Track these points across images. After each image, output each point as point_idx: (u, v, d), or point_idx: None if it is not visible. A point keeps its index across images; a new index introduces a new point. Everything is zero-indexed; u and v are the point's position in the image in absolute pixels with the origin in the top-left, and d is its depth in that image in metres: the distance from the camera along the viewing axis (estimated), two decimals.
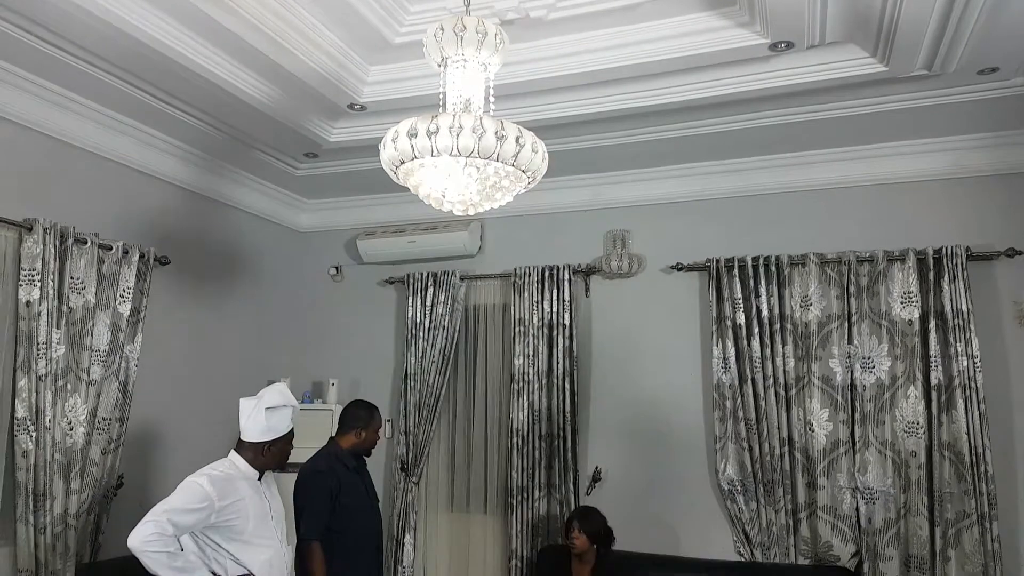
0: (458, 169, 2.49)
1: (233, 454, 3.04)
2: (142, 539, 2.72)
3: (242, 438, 3.04)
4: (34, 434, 3.65)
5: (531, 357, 4.96)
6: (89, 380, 3.96)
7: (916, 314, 4.21)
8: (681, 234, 4.88)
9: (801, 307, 4.43)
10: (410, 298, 5.34)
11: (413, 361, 5.25)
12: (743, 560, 4.40)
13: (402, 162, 2.57)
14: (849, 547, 4.20)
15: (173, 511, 2.77)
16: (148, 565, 2.74)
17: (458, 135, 2.38)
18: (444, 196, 2.73)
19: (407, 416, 5.20)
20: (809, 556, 4.29)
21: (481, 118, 2.42)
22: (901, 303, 4.25)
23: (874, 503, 4.16)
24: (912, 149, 4.41)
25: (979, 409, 4.01)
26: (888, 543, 4.12)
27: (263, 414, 2.99)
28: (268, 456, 3.03)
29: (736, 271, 4.53)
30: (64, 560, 3.73)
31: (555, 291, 4.98)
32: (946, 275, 4.15)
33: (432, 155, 2.46)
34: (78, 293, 3.94)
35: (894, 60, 3.48)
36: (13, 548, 3.63)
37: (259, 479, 3.06)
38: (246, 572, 2.86)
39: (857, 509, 4.20)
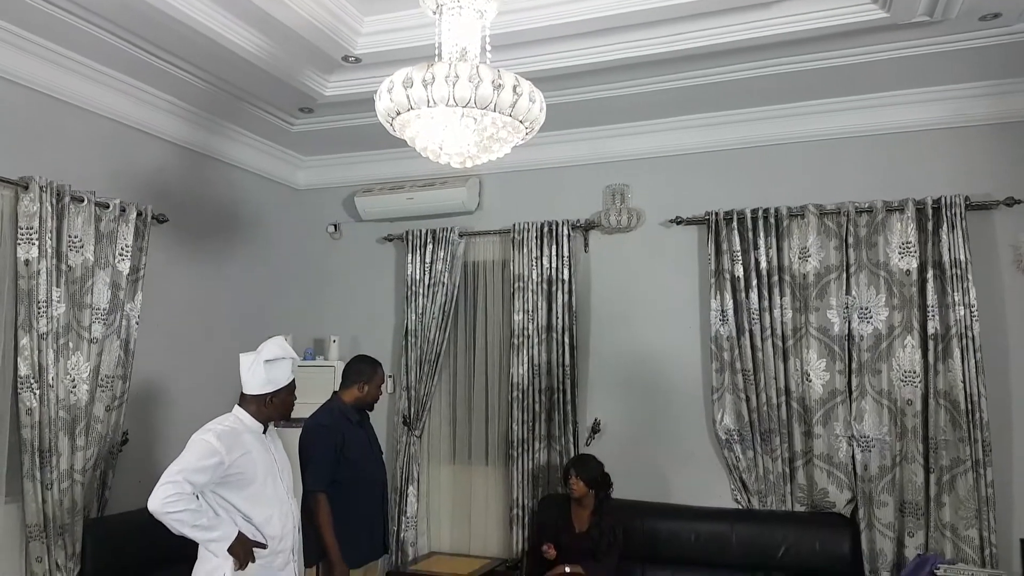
0: (455, 120, 2.47)
1: (237, 408, 3.06)
2: (162, 501, 2.73)
3: (244, 391, 3.05)
4: (37, 392, 3.68)
5: (530, 312, 4.98)
6: (91, 338, 3.97)
7: (914, 264, 4.22)
8: (680, 187, 4.86)
9: (799, 259, 4.43)
10: (409, 255, 5.34)
11: (413, 318, 5.28)
12: (740, 507, 4.48)
13: (398, 113, 2.55)
14: (845, 494, 4.28)
15: (187, 470, 2.78)
16: (172, 526, 2.76)
17: (454, 84, 2.36)
18: (441, 148, 2.71)
19: (408, 372, 5.24)
20: (805, 503, 4.37)
21: (478, 67, 2.40)
22: (899, 253, 4.25)
23: (870, 451, 4.22)
24: (913, 98, 4.37)
25: (975, 358, 4.05)
26: (883, 490, 4.18)
27: (263, 367, 3.00)
28: (271, 408, 3.04)
29: (735, 224, 4.53)
30: (72, 515, 3.79)
31: (554, 247, 4.98)
32: (945, 225, 4.15)
33: (428, 105, 2.44)
34: (77, 251, 3.94)
35: (895, 5, 3.43)
36: (21, 504, 3.69)
37: (264, 432, 3.08)
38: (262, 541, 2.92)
39: (853, 457, 4.27)
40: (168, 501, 2.72)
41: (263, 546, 2.93)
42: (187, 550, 3.04)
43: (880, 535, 4.17)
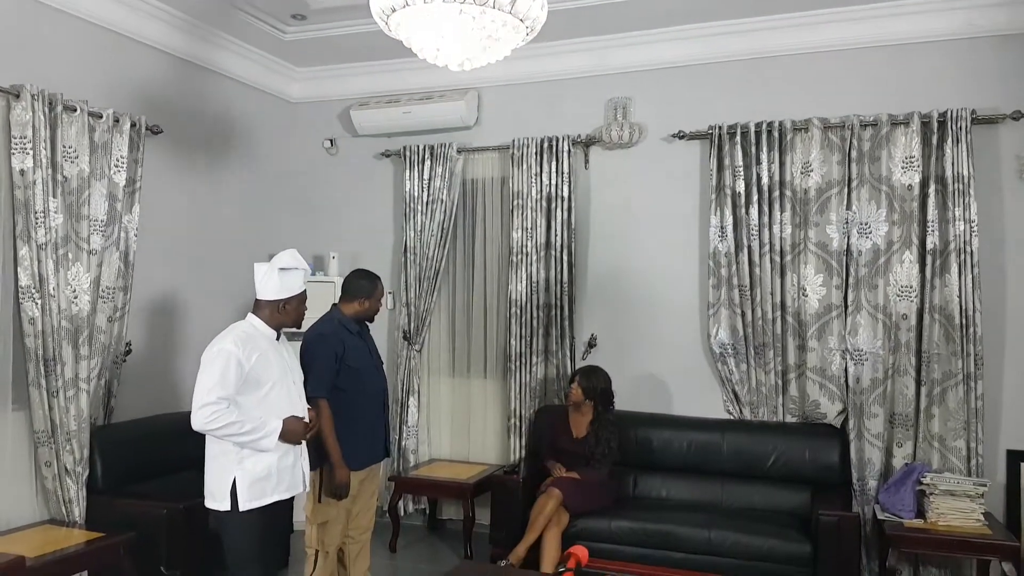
0: (453, 15, 2.41)
1: (251, 316, 3.13)
2: (205, 421, 2.83)
3: (258, 297, 3.13)
4: (39, 302, 3.70)
5: (529, 230, 4.98)
6: (90, 250, 3.98)
7: (916, 179, 4.19)
8: (683, 101, 4.78)
9: (802, 173, 4.40)
10: (407, 171, 5.30)
11: (412, 235, 5.27)
12: (732, 418, 4.58)
13: (393, 10, 2.49)
14: (836, 405, 4.36)
15: (216, 385, 2.85)
16: (222, 438, 2.88)
17: None
18: (439, 50, 2.65)
19: (408, 288, 5.27)
20: (796, 414, 4.46)
21: None
22: (902, 168, 4.22)
23: (863, 364, 4.28)
24: (923, 8, 4.26)
25: (972, 273, 4.06)
26: (874, 401, 4.26)
27: (277, 274, 3.09)
28: (284, 314, 3.13)
29: (738, 138, 4.47)
30: (79, 423, 3.87)
31: (554, 163, 4.93)
32: (949, 139, 4.11)
33: (425, 1, 2.37)
34: (72, 162, 3.91)
35: None
36: (28, 411, 3.77)
37: (277, 339, 3.15)
38: None
39: (846, 370, 4.33)
40: (210, 420, 2.83)
41: (308, 425, 3.08)
42: (193, 454, 3.13)
43: (869, 445, 4.26)
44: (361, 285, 3.62)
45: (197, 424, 2.86)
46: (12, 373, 3.71)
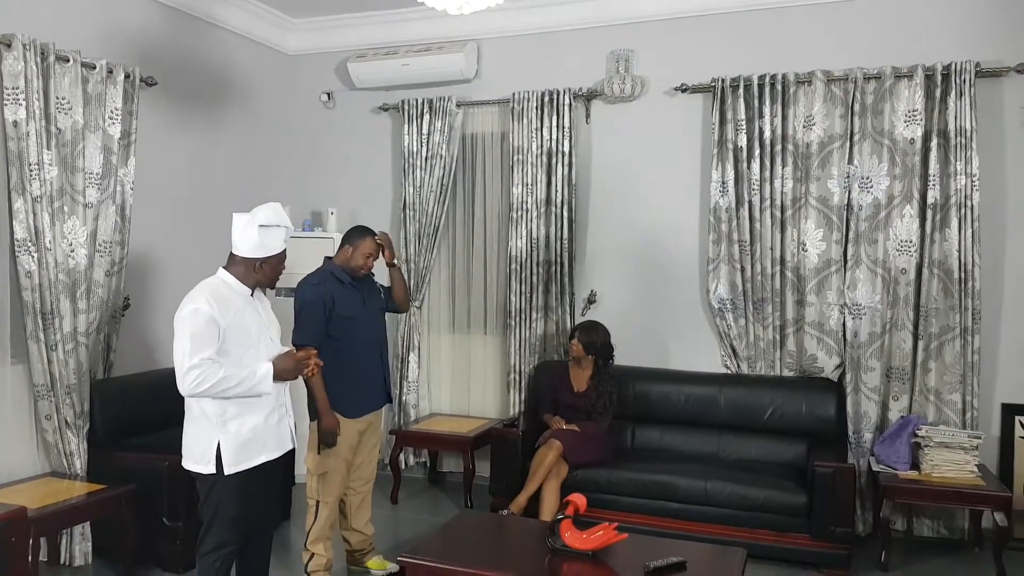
0: None
1: (222, 271, 2.93)
2: (192, 386, 2.69)
3: (234, 252, 2.93)
4: (35, 255, 3.68)
5: (530, 186, 4.94)
6: (86, 203, 3.95)
7: (919, 132, 4.16)
8: (686, 53, 4.71)
9: (804, 127, 4.36)
10: (406, 126, 5.24)
11: (411, 191, 5.24)
12: (729, 372, 4.60)
13: None
14: (833, 359, 4.38)
15: (194, 347, 2.70)
16: (215, 397, 2.75)
17: None
18: None
19: (407, 245, 5.25)
20: (794, 368, 4.48)
21: None
22: (905, 121, 4.18)
23: (861, 318, 4.30)
24: None
25: (972, 227, 4.06)
26: (871, 355, 4.28)
27: (256, 231, 2.87)
28: (260, 273, 2.92)
29: (741, 91, 4.42)
30: (78, 376, 3.87)
31: (555, 117, 4.88)
32: (953, 92, 4.06)
33: None
34: (65, 113, 3.86)
35: None
36: (27, 365, 3.77)
37: (252, 295, 2.97)
38: None
39: (844, 324, 4.34)
40: (198, 383, 2.68)
41: (300, 358, 2.90)
42: None
43: (865, 399, 4.30)
44: (349, 235, 3.61)
45: (185, 390, 2.71)
46: (11, 326, 3.71)
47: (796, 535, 3.83)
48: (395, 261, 3.76)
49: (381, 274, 3.76)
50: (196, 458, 2.83)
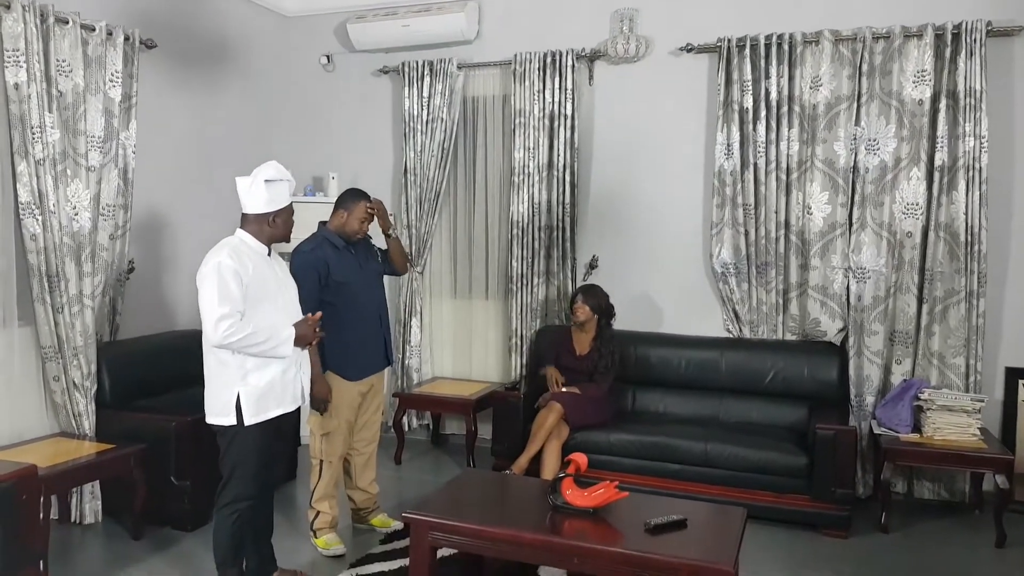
0: None
1: (239, 231, 3.00)
2: (224, 335, 2.75)
3: (245, 211, 2.99)
4: (40, 218, 3.70)
5: (531, 150, 4.91)
6: (88, 166, 3.95)
7: (928, 93, 4.10)
8: (692, 12, 4.64)
9: (811, 88, 4.31)
10: (406, 89, 5.20)
11: (412, 155, 5.21)
12: (731, 336, 4.61)
13: None
14: (836, 323, 4.37)
15: (222, 298, 2.76)
16: (239, 351, 2.82)
17: None
18: None
19: (408, 210, 5.24)
20: (796, 332, 4.48)
21: None
22: (914, 82, 4.12)
23: (865, 282, 4.28)
24: None
25: (980, 189, 4.02)
26: (875, 319, 4.27)
27: (263, 186, 2.94)
28: (274, 227, 2.99)
29: (747, 51, 4.36)
30: (85, 338, 3.91)
31: (557, 79, 4.83)
32: (963, 52, 4.00)
33: None
34: (66, 76, 3.85)
35: None
36: (34, 327, 3.80)
37: (268, 255, 3.06)
38: None
39: (848, 288, 4.33)
40: (229, 333, 2.75)
41: (316, 329, 3.01)
42: (197, 371, 3.05)
43: (868, 362, 4.30)
44: (343, 198, 3.59)
45: (216, 339, 2.76)
46: (17, 289, 3.73)
47: (796, 496, 3.86)
48: (392, 232, 3.74)
49: (379, 237, 3.75)
50: (217, 411, 2.92)
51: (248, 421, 2.88)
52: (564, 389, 4.28)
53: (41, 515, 3.15)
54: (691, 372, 4.50)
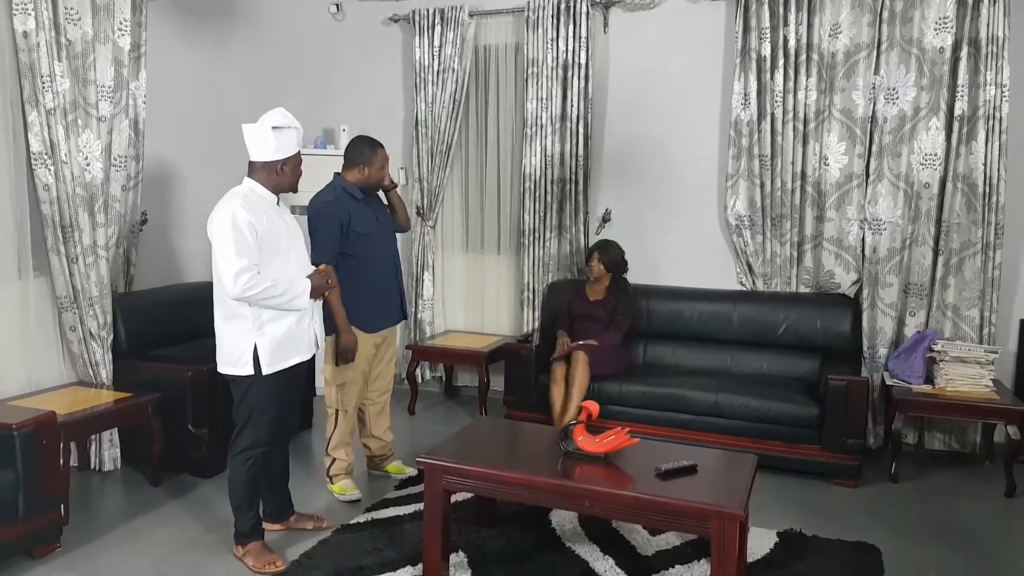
0: None
1: (247, 180, 2.97)
2: (244, 287, 2.75)
3: (252, 159, 2.95)
4: (52, 168, 3.69)
5: (544, 101, 4.85)
6: (99, 116, 3.93)
7: (949, 41, 4.01)
8: None
9: (830, 36, 4.22)
10: (416, 38, 5.12)
11: (423, 107, 5.16)
12: (745, 289, 4.59)
13: None
14: (851, 275, 4.35)
15: (239, 251, 2.75)
16: (257, 303, 2.83)
17: None
18: None
19: (420, 163, 5.20)
20: (810, 284, 4.46)
21: None
22: (935, 29, 4.03)
23: (880, 234, 4.24)
24: None
25: (1000, 140, 3.96)
26: (890, 271, 4.25)
27: (270, 133, 2.90)
28: (282, 175, 2.96)
29: None
30: (100, 289, 3.93)
31: (571, 27, 4.75)
32: None
33: None
34: (75, 24, 3.80)
35: None
36: (49, 278, 3.82)
37: (277, 203, 3.05)
38: None
39: (863, 240, 4.29)
40: (249, 286, 2.76)
41: (329, 280, 3.06)
42: (210, 321, 3.03)
43: (882, 314, 4.28)
44: (361, 151, 3.53)
45: (236, 292, 2.75)
46: (32, 240, 3.75)
47: (807, 446, 3.87)
48: (394, 184, 3.73)
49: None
50: (233, 362, 2.93)
51: (266, 371, 2.90)
52: (569, 347, 4.27)
53: (61, 460, 3.21)
54: (703, 325, 4.50)
